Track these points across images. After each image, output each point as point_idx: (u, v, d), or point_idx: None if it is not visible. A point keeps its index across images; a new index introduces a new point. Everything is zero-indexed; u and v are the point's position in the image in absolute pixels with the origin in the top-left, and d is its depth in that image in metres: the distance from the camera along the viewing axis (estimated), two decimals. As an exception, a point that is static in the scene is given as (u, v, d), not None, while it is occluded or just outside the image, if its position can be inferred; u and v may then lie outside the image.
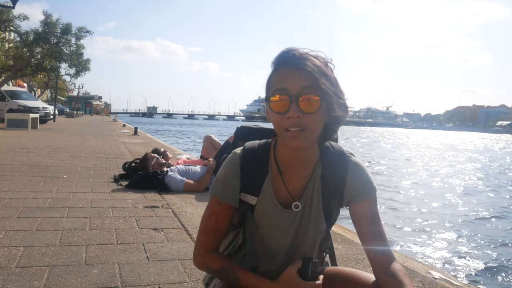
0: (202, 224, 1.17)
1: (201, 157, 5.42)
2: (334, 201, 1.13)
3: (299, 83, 0.99)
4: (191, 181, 4.43)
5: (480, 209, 8.36)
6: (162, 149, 5.62)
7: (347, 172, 1.11)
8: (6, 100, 18.13)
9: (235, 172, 1.13)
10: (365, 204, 1.11)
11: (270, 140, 1.17)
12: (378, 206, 1.15)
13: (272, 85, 1.04)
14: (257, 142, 1.17)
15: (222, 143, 5.35)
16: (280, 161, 1.12)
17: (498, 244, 5.82)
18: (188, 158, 5.85)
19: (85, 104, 61.78)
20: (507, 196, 10.33)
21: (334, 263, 1.24)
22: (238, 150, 1.16)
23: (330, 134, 1.11)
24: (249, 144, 1.17)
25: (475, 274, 4.58)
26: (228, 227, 1.17)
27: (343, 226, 3.52)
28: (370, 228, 1.10)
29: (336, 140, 1.16)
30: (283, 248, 1.16)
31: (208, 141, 5.66)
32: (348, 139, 39.01)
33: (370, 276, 1.10)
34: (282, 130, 1.02)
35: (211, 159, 4.79)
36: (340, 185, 1.11)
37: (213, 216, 1.15)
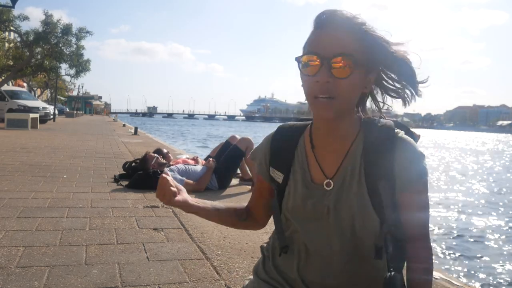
0: None
1: (208, 156, 5.37)
2: (383, 183, 0.94)
3: (333, 45, 0.90)
4: (191, 181, 4.43)
5: (481, 209, 8.35)
6: (165, 150, 5.59)
7: (395, 151, 0.94)
8: (6, 100, 18.11)
9: (266, 148, 1.12)
10: (415, 192, 0.95)
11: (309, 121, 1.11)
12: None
13: (305, 46, 0.96)
14: (295, 122, 1.14)
15: (222, 143, 5.36)
16: (315, 137, 1.04)
17: (498, 244, 5.82)
18: (188, 158, 5.85)
19: (85, 104, 61.78)
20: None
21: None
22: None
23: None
24: (286, 123, 1.13)
25: (475, 274, 4.58)
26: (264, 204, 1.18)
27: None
28: (415, 225, 0.96)
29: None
30: (317, 236, 1.00)
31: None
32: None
33: None
34: (311, 98, 0.93)
35: (211, 159, 4.80)
36: (389, 166, 0.94)
37: (256, 190, 1.19)
